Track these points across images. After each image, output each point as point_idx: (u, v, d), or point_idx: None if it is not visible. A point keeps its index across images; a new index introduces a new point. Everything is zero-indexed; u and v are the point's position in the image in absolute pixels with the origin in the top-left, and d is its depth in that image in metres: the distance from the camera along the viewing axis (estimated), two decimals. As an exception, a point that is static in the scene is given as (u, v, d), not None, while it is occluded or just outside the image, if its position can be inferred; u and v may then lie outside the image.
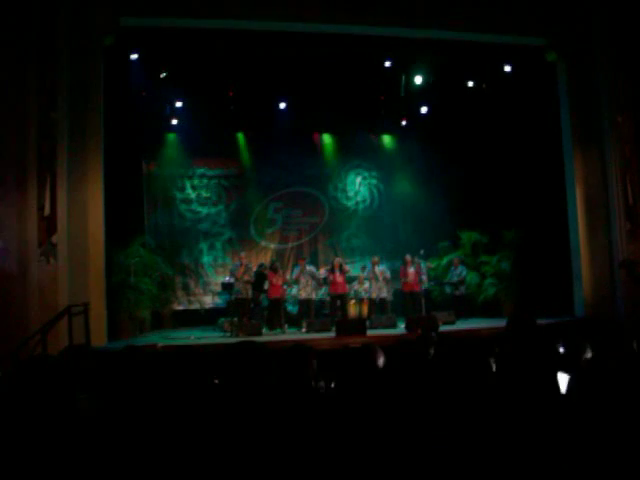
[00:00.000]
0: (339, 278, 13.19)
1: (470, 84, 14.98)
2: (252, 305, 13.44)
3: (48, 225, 10.48)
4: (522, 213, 14.72)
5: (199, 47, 12.60)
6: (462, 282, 14.44)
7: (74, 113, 11.02)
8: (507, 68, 13.98)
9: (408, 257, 13.82)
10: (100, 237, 11.23)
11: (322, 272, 14.28)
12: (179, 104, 14.86)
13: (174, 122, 15.34)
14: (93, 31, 11.28)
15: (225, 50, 12.70)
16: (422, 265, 13.68)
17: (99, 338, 10.75)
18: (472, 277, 14.78)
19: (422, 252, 13.75)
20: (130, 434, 2.85)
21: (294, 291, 13.68)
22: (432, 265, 14.64)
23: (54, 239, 10.47)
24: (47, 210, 10.48)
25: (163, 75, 13.54)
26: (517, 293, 14.26)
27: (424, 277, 13.74)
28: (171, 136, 15.94)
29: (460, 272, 14.50)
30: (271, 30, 12.40)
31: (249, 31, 12.37)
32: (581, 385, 2.49)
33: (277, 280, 13.10)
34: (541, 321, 11.56)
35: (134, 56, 12.70)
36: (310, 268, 13.51)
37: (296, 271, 13.49)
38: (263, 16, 11.92)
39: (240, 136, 16.60)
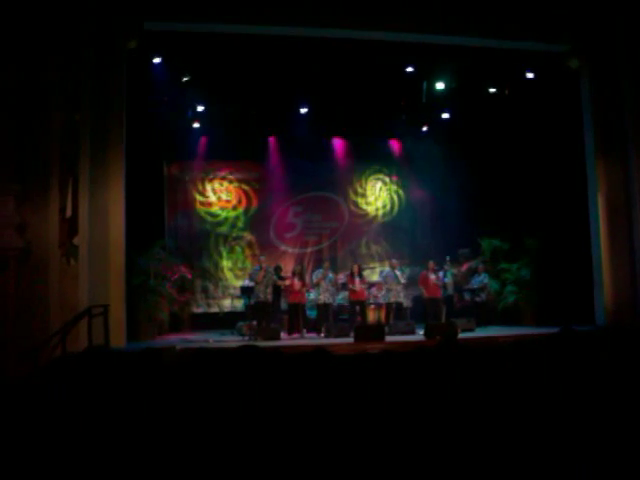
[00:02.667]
0: (358, 285, 13.17)
1: (492, 90, 14.89)
2: (272, 309, 13.44)
3: (70, 226, 10.56)
4: (543, 220, 14.60)
5: (221, 51, 12.63)
6: (483, 289, 14.37)
7: (97, 116, 11.09)
8: (529, 74, 13.87)
9: (432, 263, 13.77)
10: (121, 239, 11.28)
11: (341, 277, 14.27)
12: (201, 108, 14.92)
13: (195, 126, 15.40)
14: (117, 35, 11.35)
15: (247, 54, 12.73)
16: (448, 272, 13.63)
17: (118, 339, 10.80)
18: (492, 284, 14.69)
19: (448, 259, 13.69)
20: (149, 430, 2.86)
21: (313, 295, 13.66)
22: (461, 271, 14.58)
23: (75, 240, 10.55)
24: (69, 212, 10.56)
25: (185, 79, 13.60)
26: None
27: (449, 284, 13.68)
28: (192, 140, 15.99)
29: (482, 279, 14.43)
30: (292, 35, 12.42)
31: (270, 36, 12.38)
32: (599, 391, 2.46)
33: (297, 285, 13.10)
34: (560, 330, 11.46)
35: (157, 60, 12.77)
36: (331, 275, 13.50)
37: (319, 274, 13.47)
38: (284, 21, 11.93)
39: (261, 140, 16.63)
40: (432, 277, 13.62)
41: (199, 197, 16.44)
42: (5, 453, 2.73)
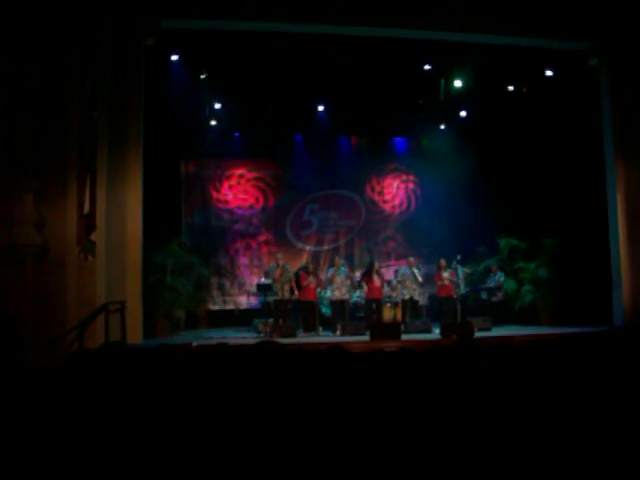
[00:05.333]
0: (376, 282, 13.15)
1: (510, 88, 14.79)
2: (289, 307, 13.43)
3: (87, 223, 10.63)
4: (561, 219, 14.48)
5: (238, 49, 12.65)
6: (500, 288, 14.30)
7: (115, 114, 11.16)
8: (548, 72, 13.76)
9: (443, 261, 13.68)
10: (138, 236, 11.34)
11: (357, 275, 14.25)
12: (218, 106, 14.94)
13: (213, 123, 15.43)
14: (135, 33, 11.40)
15: (264, 52, 12.74)
16: (459, 271, 13.54)
17: (135, 336, 10.86)
18: (509, 284, 14.60)
19: (459, 257, 13.61)
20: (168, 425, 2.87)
21: (329, 293, 13.63)
22: (469, 270, 14.47)
23: (93, 237, 10.62)
24: (87, 208, 10.63)
25: (203, 76, 13.63)
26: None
27: (461, 283, 13.59)
28: (209, 137, 16.02)
29: (498, 278, 14.37)
30: (310, 33, 12.42)
31: (288, 33, 12.39)
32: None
33: (310, 282, 13.09)
34: (578, 330, 11.40)
35: (174, 57, 12.81)
36: (345, 270, 13.45)
37: (331, 271, 13.46)
38: (302, 19, 11.93)
39: (278, 138, 16.63)
40: (444, 275, 13.55)
41: (216, 195, 16.49)
42: (23, 446, 2.75)
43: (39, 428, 2.87)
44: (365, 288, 13.36)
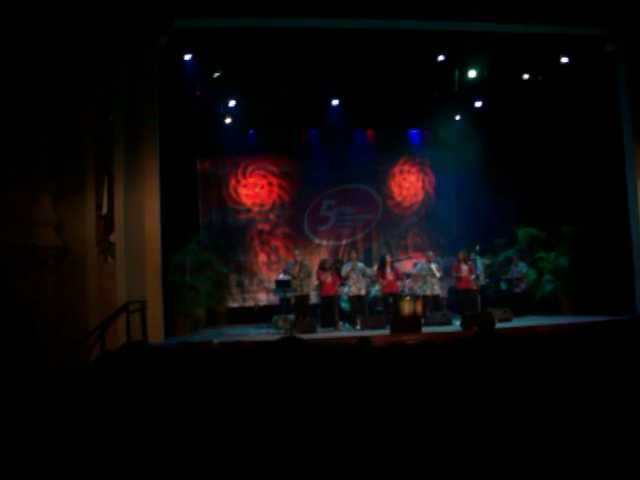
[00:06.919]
0: (390, 276, 13.13)
1: (525, 77, 14.67)
2: (308, 302, 13.41)
3: (106, 224, 10.71)
4: (581, 207, 14.35)
5: (251, 46, 12.62)
6: (522, 279, 14.22)
7: (130, 114, 11.20)
8: (564, 59, 13.63)
9: (462, 253, 13.61)
10: (156, 236, 11.38)
11: (374, 269, 14.23)
12: (232, 103, 14.95)
13: (228, 121, 15.44)
14: (148, 33, 11.42)
15: (277, 48, 12.71)
16: (478, 262, 13.47)
17: (156, 335, 10.91)
18: (529, 274, 14.51)
19: (477, 248, 13.53)
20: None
21: (347, 289, 13.62)
22: (488, 261, 14.40)
23: (112, 238, 10.69)
24: (105, 209, 10.71)
25: (216, 75, 13.64)
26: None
27: (480, 274, 13.52)
28: (224, 135, 16.03)
29: (520, 269, 14.29)
30: (322, 27, 12.38)
31: (300, 29, 12.37)
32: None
33: (329, 278, 13.08)
34: (600, 318, 11.31)
35: (187, 56, 12.82)
36: (360, 265, 13.44)
37: (347, 268, 13.43)
38: (314, 13, 11.91)
39: (293, 134, 16.62)
40: (464, 267, 13.48)
41: (232, 192, 16.51)
42: (58, 446, 2.77)
43: (66, 430, 2.89)
44: (382, 282, 13.33)
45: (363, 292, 13.15)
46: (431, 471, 2.55)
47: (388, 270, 13.13)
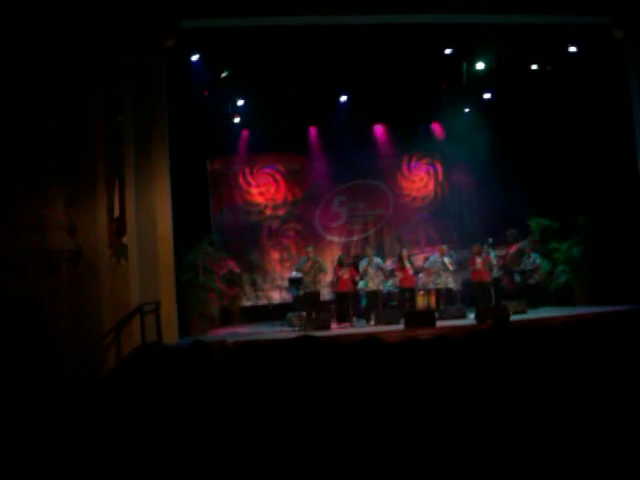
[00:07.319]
0: (408, 270, 13.13)
1: (534, 67, 14.58)
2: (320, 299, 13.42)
3: (118, 226, 10.75)
4: (593, 197, 14.25)
5: (258, 45, 12.63)
6: (536, 270, 14.14)
7: (139, 116, 11.22)
8: (572, 48, 13.53)
9: (477, 247, 13.55)
10: (168, 236, 11.39)
11: (389, 264, 14.21)
12: (240, 102, 14.96)
13: (236, 120, 15.45)
14: (155, 34, 11.43)
15: (284, 46, 12.70)
16: (491, 254, 13.42)
17: (171, 335, 10.93)
18: (543, 265, 14.43)
19: (490, 241, 13.48)
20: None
21: (363, 284, 13.60)
22: (501, 254, 14.33)
23: (124, 240, 10.74)
24: (117, 212, 10.75)
25: (224, 74, 13.65)
26: None
27: (494, 267, 13.47)
28: (233, 134, 16.05)
29: (534, 260, 14.20)
30: (329, 23, 12.36)
31: (307, 26, 12.36)
32: None
33: (346, 274, 13.09)
34: (615, 308, 11.24)
35: (195, 57, 12.84)
36: (377, 260, 13.44)
37: (363, 263, 13.41)
38: (321, 10, 11.87)
39: (303, 131, 16.61)
40: (478, 260, 13.43)
41: (243, 191, 16.52)
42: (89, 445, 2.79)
43: (83, 435, 2.90)
44: (399, 277, 13.33)
45: (381, 287, 13.16)
46: (448, 467, 2.54)
47: (407, 264, 13.13)
